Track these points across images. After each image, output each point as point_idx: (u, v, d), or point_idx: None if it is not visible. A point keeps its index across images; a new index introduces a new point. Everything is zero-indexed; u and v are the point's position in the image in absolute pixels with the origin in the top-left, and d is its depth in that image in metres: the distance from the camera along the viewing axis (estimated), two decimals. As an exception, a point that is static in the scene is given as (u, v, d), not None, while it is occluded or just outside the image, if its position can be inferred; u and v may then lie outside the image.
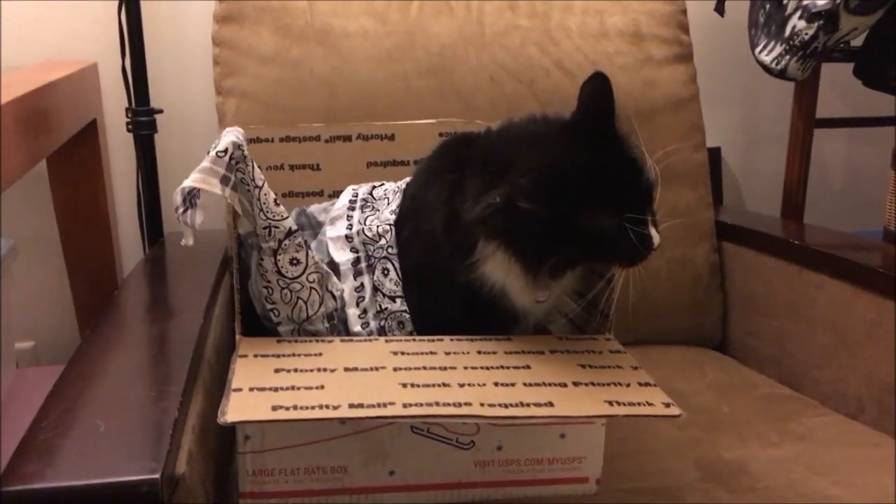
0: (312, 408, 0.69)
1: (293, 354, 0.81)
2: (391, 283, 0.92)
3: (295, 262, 0.87)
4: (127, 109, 1.39)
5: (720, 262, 1.39)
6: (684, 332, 1.36)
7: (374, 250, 0.94)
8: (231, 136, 0.83)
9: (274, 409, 0.68)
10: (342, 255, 0.95)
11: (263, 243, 0.86)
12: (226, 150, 0.81)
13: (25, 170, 0.96)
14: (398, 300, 0.92)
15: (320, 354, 0.81)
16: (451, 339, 0.86)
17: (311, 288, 0.89)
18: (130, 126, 1.39)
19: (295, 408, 0.69)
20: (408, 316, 0.91)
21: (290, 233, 0.87)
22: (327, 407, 0.69)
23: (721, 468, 0.93)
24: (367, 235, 0.94)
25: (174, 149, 1.45)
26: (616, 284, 0.89)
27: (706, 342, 1.37)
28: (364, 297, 0.93)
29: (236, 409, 0.68)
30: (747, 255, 1.35)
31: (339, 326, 0.93)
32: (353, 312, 0.93)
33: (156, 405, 0.71)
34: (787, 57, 1.42)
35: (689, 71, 1.40)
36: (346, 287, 0.94)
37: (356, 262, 0.95)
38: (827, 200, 1.81)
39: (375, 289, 0.93)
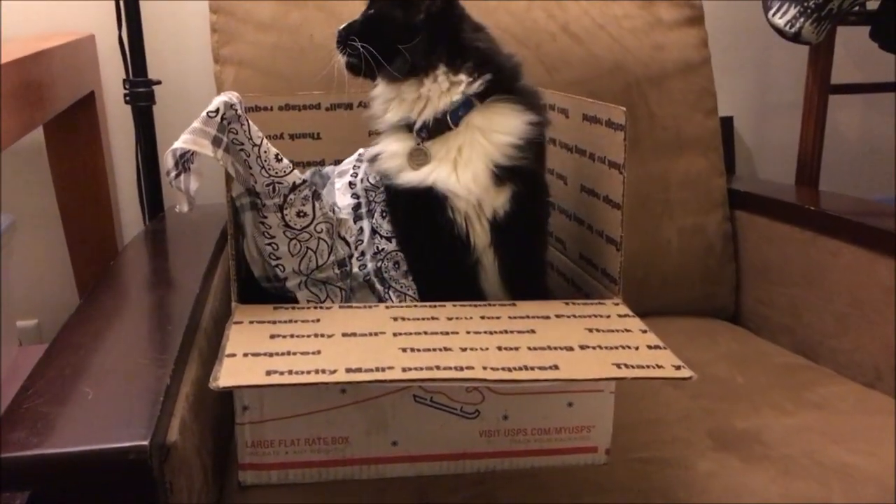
0: (308, 372, 0.66)
1: (290, 321, 0.78)
2: (388, 224, 0.92)
3: (302, 214, 0.86)
4: (124, 81, 1.37)
5: (733, 231, 1.35)
6: (696, 303, 1.33)
7: (374, 196, 0.94)
8: (224, 96, 0.80)
9: (268, 373, 0.66)
10: (344, 201, 0.96)
11: (268, 200, 0.84)
12: (217, 111, 0.78)
13: (16, 137, 0.94)
14: (394, 240, 0.92)
15: (318, 321, 0.79)
16: (454, 305, 0.83)
17: (318, 238, 0.88)
18: (128, 98, 1.36)
19: (290, 372, 0.66)
20: (402, 255, 0.91)
21: (294, 187, 0.85)
22: (324, 371, 0.66)
23: (734, 437, 0.90)
24: (370, 183, 0.94)
25: (173, 121, 1.42)
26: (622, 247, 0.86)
27: (719, 313, 1.34)
28: (363, 241, 0.93)
29: (229, 374, 0.66)
30: (761, 222, 1.31)
31: (358, 274, 0.92)
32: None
33: (148, 373, 0.69)
34: (802, 19, 1.38)
35: (700, 34, 1.36)
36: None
37: (357, 207, 0.95)
38: (842, 169, 1.76)
39: (374, 231, 0.93)
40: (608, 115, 0.88)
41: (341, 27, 0.92)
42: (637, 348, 0.74)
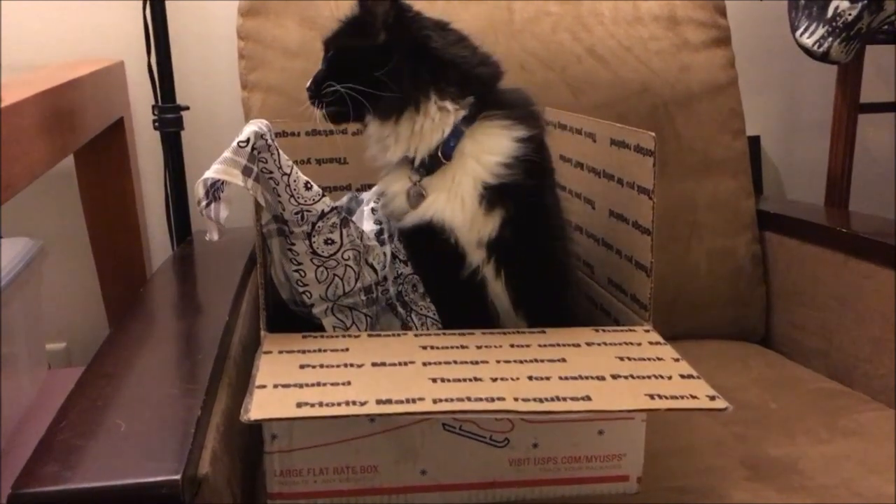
0: (338, 404, 0.66)
1: (319, 350, 0.78)
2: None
3: (329, 241, 0.86)
4: (153, 107, 1.38)
5: (762, 253, 1.34)
6: (726, 327, 1.31)
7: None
8: (254, 125, 0.81)
9: (299, 405, 0.66)
10: (368, 226, 0.97)
11: (296, 228, 0.85)
12: (247, 140, 0.79)
13: (49, 166, 0.95)
14: (411, 263, 0.93)
15: (347, 350, 0.78)
16: (483, 333, 0.83)
17: (346, 265, 0.88)
18: (157, 123, 1.38)
19: (320, 404, 0.66)
20: (418, 278, 0.93)
21: (322, 215, 0.85)
22: (354, 403, 0.66)
23: (769, 466, 0.88)
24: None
25: (202, 146, 1.43)
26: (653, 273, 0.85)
27: (749, 336, 1.32)
28: (384, 265, 0.93)
29: (260, 406, 0.66)
30: (791, 244, 1.30)
31: (381, 298, 0.92)
32: None
33: (179, 404, 0.69)
34: (830, 39, 1.38)
35: (727, 55, 1.35)
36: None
37: (380, 232, 0.96)
38: (872, 189, 1.74)
39: (394, 256, 0.93)
40: (637, 139, 0.87)
41: (308, 83, 0.90)
42: (670, 378, 0.73)
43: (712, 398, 0.70)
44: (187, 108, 1.39)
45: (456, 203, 0.86)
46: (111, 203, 1.38)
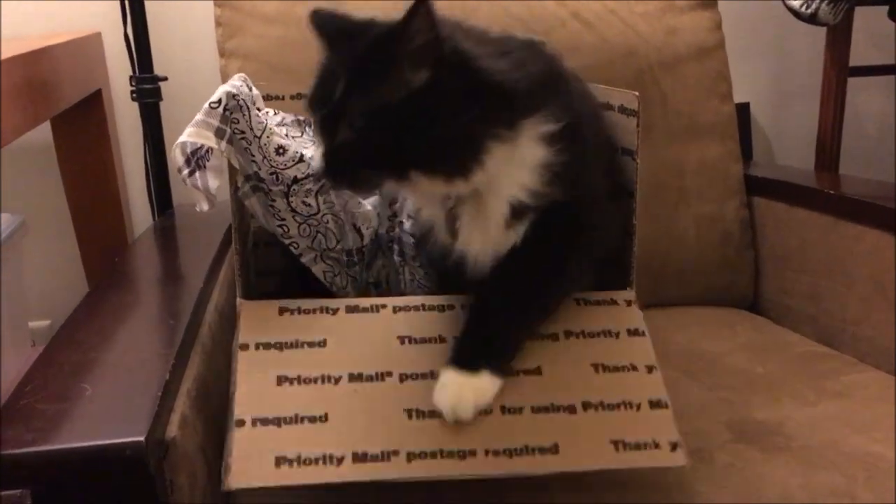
0: (316, 460, 0.66)
1: (296, 343, 0.74)
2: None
3: (307, 205, 0.85)
4: (131, 77, 1.36)
5: (751, 218, 1.32)
6: (714, 293, 1.30)
7: None
8: (227, 86, 0.79)
9: (278, 464, 0.65)
10: None
11: (273, 186, 0.83)
12: (219, 101, 0.77)
13: (20, 132, 0.93)
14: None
15: (324, 344, 0.74)
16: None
17: (326, 227, 0.87)
18: (135, 94, 1.35)
19: (298, 459, 0.66)
20: None
21: (295, 181, 0.83)
22: (331, 458, 0.66)
23: (754, 429, 0.87)
24: None
25: (181, 117, 1.40)
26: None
27: (738, 302, 1.31)
28: (375, 230, 0.92)
29: (239, 469, 0.64)
30: (779, 209, 1.28)
31: (372, 251, 0.91)
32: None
33: (147, 368, 0.68)
34: (818, 0, 1.35)
35: (713, 17, 1.33)
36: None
37: None
38: (862, 153, 1.72)
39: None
40: (620, 100, 0.85)
41: (319, 166, 0.70)
42: (639, 407, 0.73)
43: (674, 447, 0.71)
44: (165, 79, 1.37)
45: (487, 233, 0.75)
46: (91, 176, 1.36)
